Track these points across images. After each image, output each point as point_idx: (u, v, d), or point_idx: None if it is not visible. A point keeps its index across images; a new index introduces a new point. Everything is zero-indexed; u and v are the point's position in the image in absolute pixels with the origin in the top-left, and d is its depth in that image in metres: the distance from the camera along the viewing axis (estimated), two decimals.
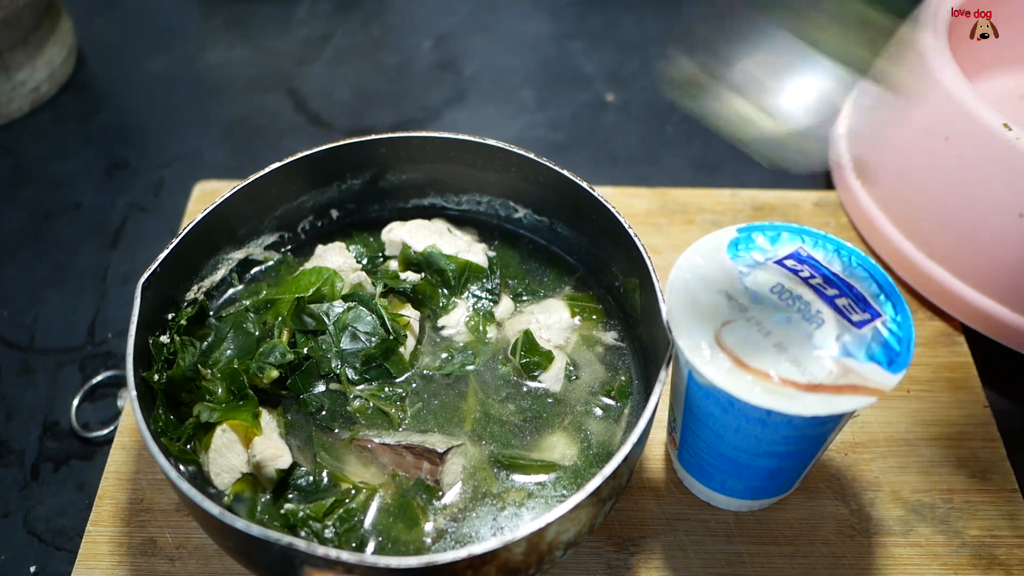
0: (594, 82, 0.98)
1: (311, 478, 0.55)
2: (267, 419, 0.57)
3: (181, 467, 0.55)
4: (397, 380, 0.60)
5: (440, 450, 0.55)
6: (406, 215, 0.69)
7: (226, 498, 0.54)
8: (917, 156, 0.71)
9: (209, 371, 0.59)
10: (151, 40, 1.04)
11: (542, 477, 0.56)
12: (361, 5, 1.08)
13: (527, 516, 0.54)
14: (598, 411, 0.59)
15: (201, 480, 0.55)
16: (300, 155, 0.63)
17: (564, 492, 0.55)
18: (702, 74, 0.47)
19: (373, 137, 0.64)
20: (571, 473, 0.56)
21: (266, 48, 1.03)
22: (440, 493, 0.55)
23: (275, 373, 0.57)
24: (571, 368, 0.61)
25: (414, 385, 0.60)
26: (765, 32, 0.47)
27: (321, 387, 0.59)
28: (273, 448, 0.55)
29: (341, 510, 0.53)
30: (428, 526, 0.53)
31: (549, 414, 0.59)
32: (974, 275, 0.68)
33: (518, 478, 0.56)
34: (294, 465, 0.55)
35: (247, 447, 0.55)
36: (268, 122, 0.93)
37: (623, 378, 0.61)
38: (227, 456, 0.55)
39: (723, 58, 0.49)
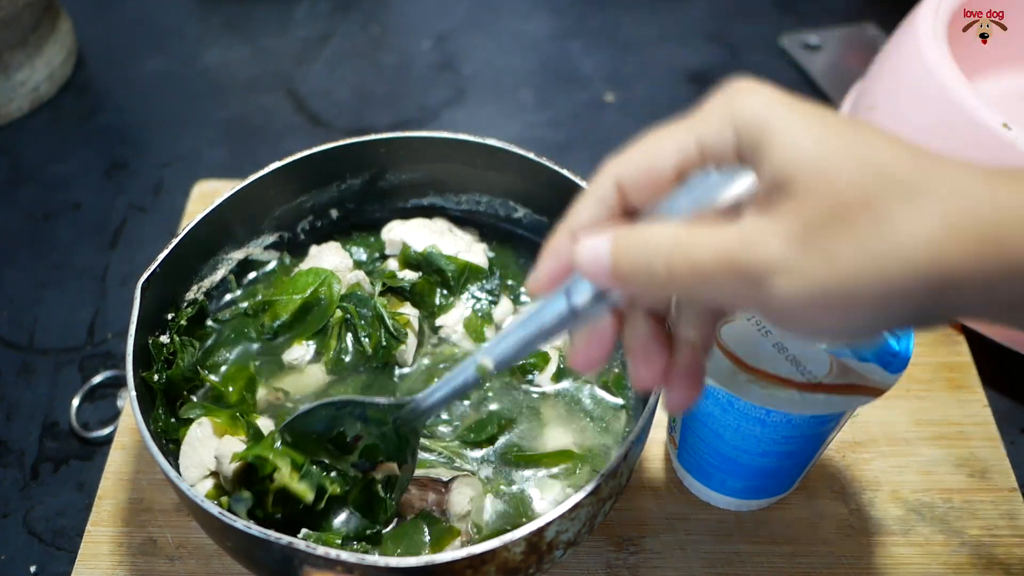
0: (593, 82, 0.98)
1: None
2: (264, 422, 0.57)
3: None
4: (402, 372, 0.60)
5: (445, 479, 0.54)
6: (406, 215, 0.69)
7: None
8: None
9: (209, 373, 0.59)
10: (150, 40, 1.04)
11: (544, 472, 0.56)
12: (360, 5, 1.08)
13: (527, 515, 0.54)
14: (597, 411, 0.59)
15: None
16: (299, 155, 0.63)
17: (561, 493, 0.55)
18: None
19: (372, 137, 0.64)
20: (570, 473, 0.56)
21: (265, 48, 1.03)
22: (447, 524, 0.53)
23: None
24: (569, 370, 0.61)
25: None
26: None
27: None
28: (238, 445, 0.54)
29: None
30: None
31: (547, 415, 0.59)
32: None
33: (519, 477, 0.56)
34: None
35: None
36: (267, 122, 0.94)
37: (620, 380, 0.61)
38: (199, 450, 0.54)
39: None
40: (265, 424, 0.57)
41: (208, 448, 0.54)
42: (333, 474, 0.52)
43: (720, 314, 0.39)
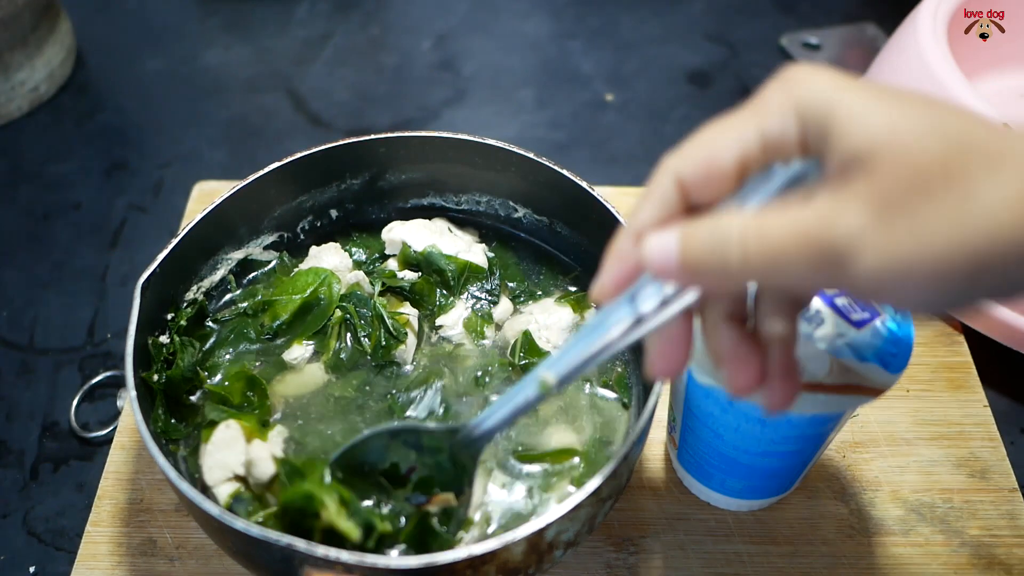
0: (593, 81, 0.98)
1: None
2: (278, 431, 0.57)
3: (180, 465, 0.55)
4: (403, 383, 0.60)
5: None
6: (406, 215, 0.69)
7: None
8: None
9: (212, 377, 0.59)
10: (150, 40, 1.03)
11: (548, 470, 0.56)
12: (360, 5, 1.08)
13: (526, 515, 0.54)
14: (598, 411, 0.59)
15: (190, 473, 0.55)
16: (299, 155, 0.62)
17: (564, 491, 0.55)
18: None
19: (372, 137, 0.64)
20: (571, 473, 0.56)
21: (265, 48, 1.03)
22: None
23: None
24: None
25: (416, 393, 0.60)
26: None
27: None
28: (268, 452, 0.55)
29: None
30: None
31: (548, 415, 0.59)
32: None
33: (524, 475, 0.56)
34: None
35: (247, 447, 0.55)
36: (267, 122, 0.93)
37: (623, 379, 0.61)
38: (224, 452, 0.54)
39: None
40: (280, 431, 0.57)
41: (234, 451, 0.54)
42: (385, 510, 0.50)
43: (799, 303, 0.38)
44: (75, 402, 0.68)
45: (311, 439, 0.57)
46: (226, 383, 0.59)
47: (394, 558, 0.44)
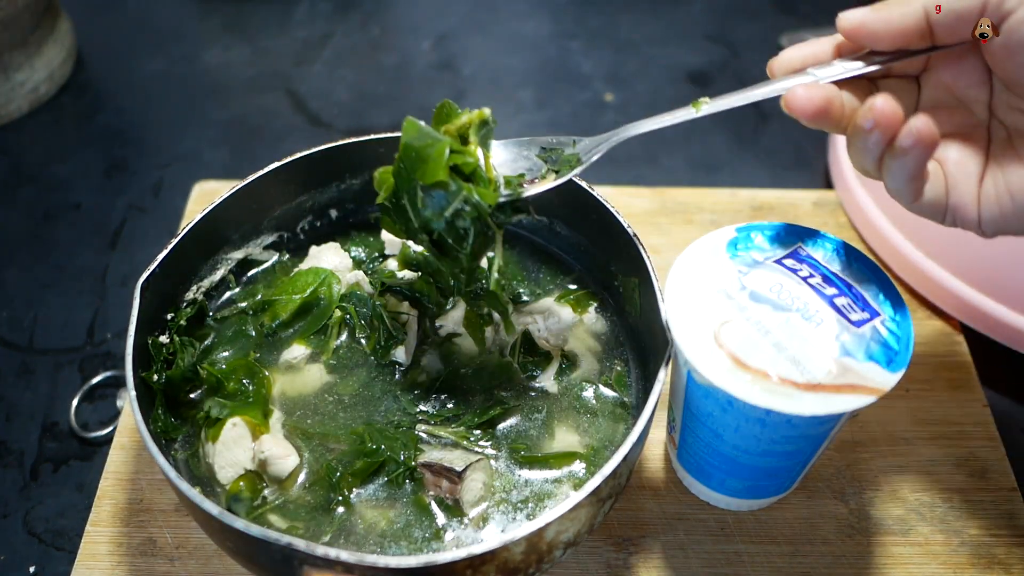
0: (593, 82, 0.98)
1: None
2: (276, 416, 0.58)
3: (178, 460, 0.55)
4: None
5: (459, 468, 0.54)
6: None
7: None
8: None
9: (221, 365, 0.59)
10: (150, 41, 1.04)
11: (548, 474, 0.56)
12: (360, 5, 1.08)
13: (525, 515, 0.54)
14: (597, 411, 0.59)
15: (190, 473, 0.55)
16: (299, 155, 0.63)
17: (565, 491, 0.55)
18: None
19: (372, 137, 0.64)
20: (570, 473, 0.56)
21: (265, 48, 1.03)
22: (461, 514, 0.54)
23: None
24: (570, 368, 0.61)
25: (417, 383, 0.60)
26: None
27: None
28: (281, 447, 0.55)
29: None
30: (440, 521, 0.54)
31: (548, 415, 0.59)
32: (974, 274, 0.68)
33: (526, 477, 0.56)
34: None
35: (254, 443, 0.55)
36: (267, 122, 0.94)
37: (622, 378, 0.61)
38: (234, 450, 0.55)
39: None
40: (278, 417, 0.58)
41: (243, 448, 0.55)
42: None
43: None
44: (75, 402, 0.68)
45: (310, 435, 0.57)
46: (223, 367, 0.59)
47: (394, 558, 0.44)
